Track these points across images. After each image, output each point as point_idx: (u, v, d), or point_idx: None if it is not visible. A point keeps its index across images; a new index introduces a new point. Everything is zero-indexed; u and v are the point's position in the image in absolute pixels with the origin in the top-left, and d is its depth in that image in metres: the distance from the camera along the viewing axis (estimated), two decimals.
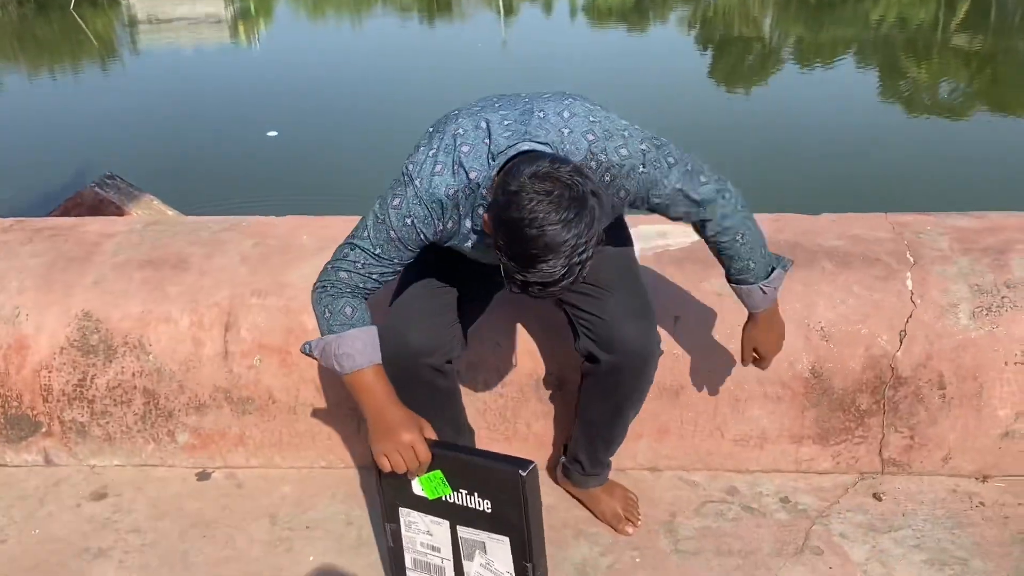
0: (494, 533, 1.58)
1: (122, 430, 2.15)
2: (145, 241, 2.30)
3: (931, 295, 2.02)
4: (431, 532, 1.64)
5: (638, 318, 1.76)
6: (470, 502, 1.56)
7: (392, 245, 1.54)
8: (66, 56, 17.63)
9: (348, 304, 1.58)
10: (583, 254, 1.34)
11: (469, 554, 1.63)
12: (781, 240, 2.20)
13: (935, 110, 11.14)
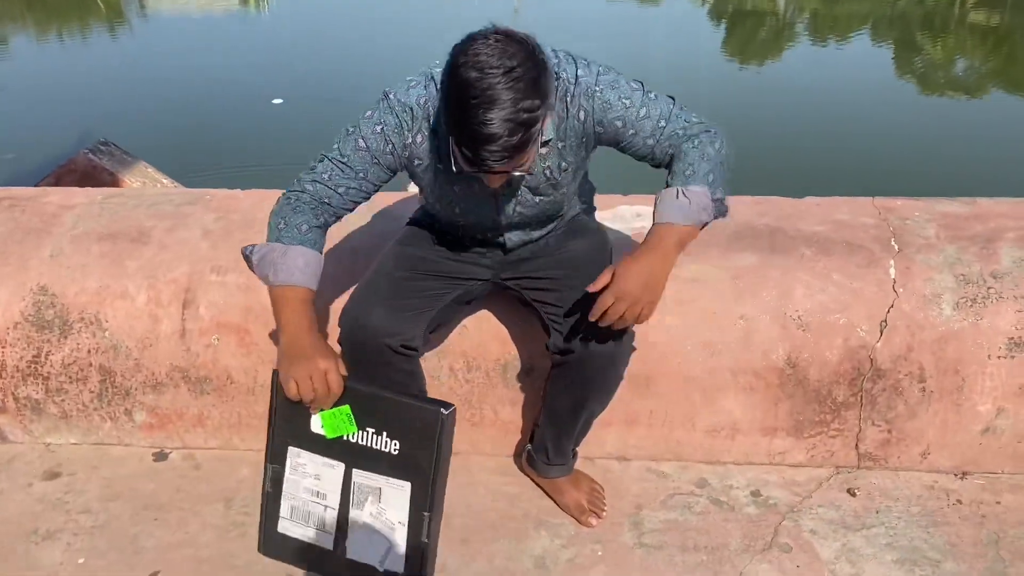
0: (395, 478, 1.50)
1: (78, 408, 2.10)
2: (105, 213, 2.23)
3: (914, 284, 1.94)
4: (319, 476, 1.55)
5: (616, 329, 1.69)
6: (375, 443, 1.48)
7: (359, 155, 1.55)
8: (73, 20, 17.50)
9: (305, 222, 1.57)
10: (530, 117, 1.33)
11: (360, 501, 1.54)
12: (761, 224, 2.12)
13: (948, 88, 10.95)
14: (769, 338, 1.93)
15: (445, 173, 1.59)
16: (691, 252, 2.02)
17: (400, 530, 1.54)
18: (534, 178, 1.63)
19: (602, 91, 1.55)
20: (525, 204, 1.69)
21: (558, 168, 1.64)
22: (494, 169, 1.38)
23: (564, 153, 1.62)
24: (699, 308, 1.96)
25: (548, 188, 1.68)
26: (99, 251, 2.10)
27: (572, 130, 1.58)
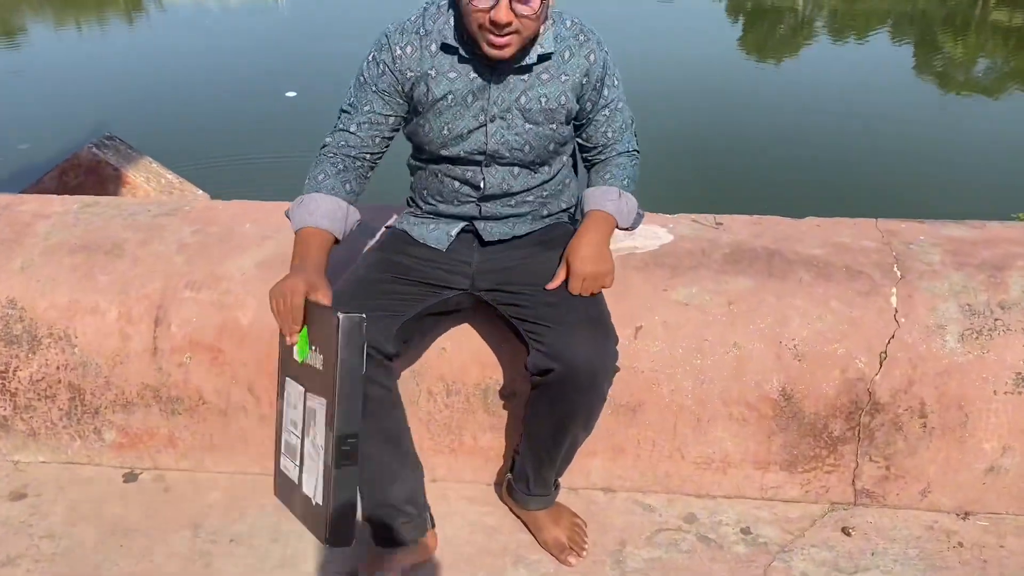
0: (319, 395, 1.43)
1: (46, 426, 2.04)
2: (80, 223, 2.16)
3: (917, 314, 1.84)
4: (296, 404, 1.50)
5: (591, 328, 1.62)
6: (315, 360, 1.43)
7: (361, 92, 1.68)
8: (91, 9, 17.55)
9: (323, 171, 1.67)
10: None
11: (309, 426, 1.47)
12: (758, 245, 2.02)
13: (968, 89, 10.75)
14: (763, 367, 1.84)
15: (438, 79, 1.64)
16: (682, 274, 1.95)
17: (320, 456, 1.44)
18: (528, 99, 1.66)
19: (608, 56, 1.72)
20: (513, 129, 1.68)
21: (556, 100, 1.67)
22: None
23: (565, 88, 1.68)
24: (690, 334, 1.87)
25: (540, 116, 1.68)
26: (71, 264, 2.04)
27: (579, 68, 1.67)
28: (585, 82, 1.69)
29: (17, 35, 15.13)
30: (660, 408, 1.88)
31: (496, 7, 1.48)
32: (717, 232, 2.09)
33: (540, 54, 1.64)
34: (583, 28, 1.69)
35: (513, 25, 1.50)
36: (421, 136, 1.73)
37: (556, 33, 1.65)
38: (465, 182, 1.76)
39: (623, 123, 1.79)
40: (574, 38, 1.67)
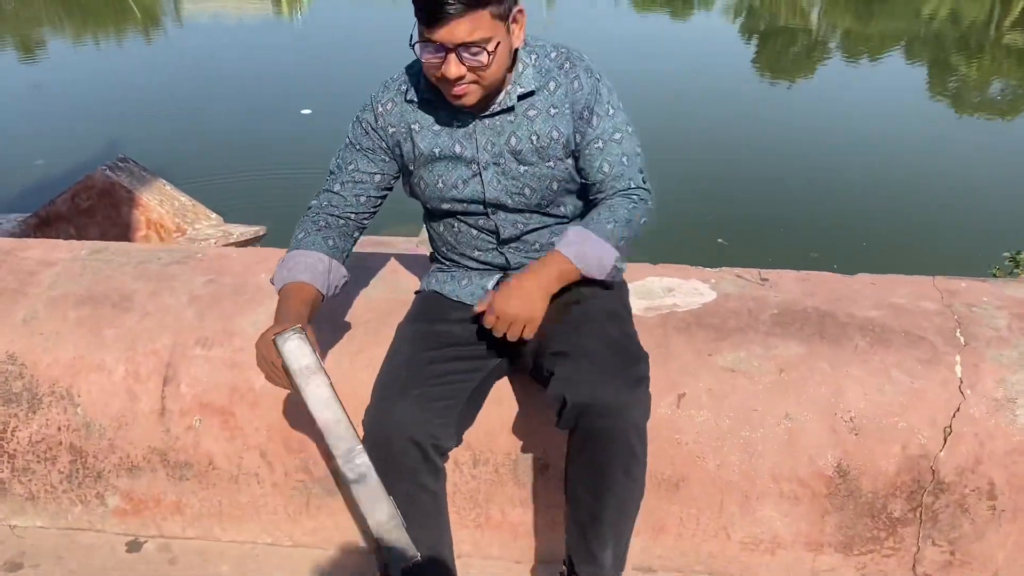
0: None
1: (46, 489, 1.91)
2: (87, 272, 2.05)
3: (984, 386, 1.70)
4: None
5: (611, 351, 1.50)
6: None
7: (347, 150, 1.66)
8: (109, 25, 17.63)
9: (304, 230, 1.64)
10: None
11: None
12: (809, 306, 1.89)
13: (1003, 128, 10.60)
14: (817, 441, 1.70)
15: (422, 133, 1.60)
16: (728, 336, 1.81)
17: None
18: (518, 140, 1.58)
19: (601, 83, 1.59)
20: (509, 174, 1.61)
21: (548, 135, 1.58)
22: (448, 17, 1.37)
23: (556, 121, 1.58)
24: (737, 403, 1.73)
25: (533, 156, 1.60)
26: (76, 317, 1.92)
27: (567, 98, 1.57)
28: (575, 111, 1.58)
29: (36, 50, 15.20)
30: (705, 483, 1.74)
31: (445, 63, 1.44)
32: (763, 289, 1.96)
33: (521, 93, 1.57)
34: (569, 55, 1.59)
35: (467, 77, 1.46)
36: (419, 193, 1.69)
37: (539, 67, 1.58)
38: (480, 229, 1.68)
39: (623, 156, 1.61)
40: (559, 68, 1.58)
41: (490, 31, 1.42)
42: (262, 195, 8.00)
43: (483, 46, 1.42)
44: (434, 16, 1.39)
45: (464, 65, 1.44)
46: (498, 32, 1.44)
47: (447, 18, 1.38)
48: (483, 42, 1.42)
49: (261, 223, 6.33)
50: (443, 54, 1.43)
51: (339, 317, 1.88)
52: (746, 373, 1.76)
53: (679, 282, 2.00)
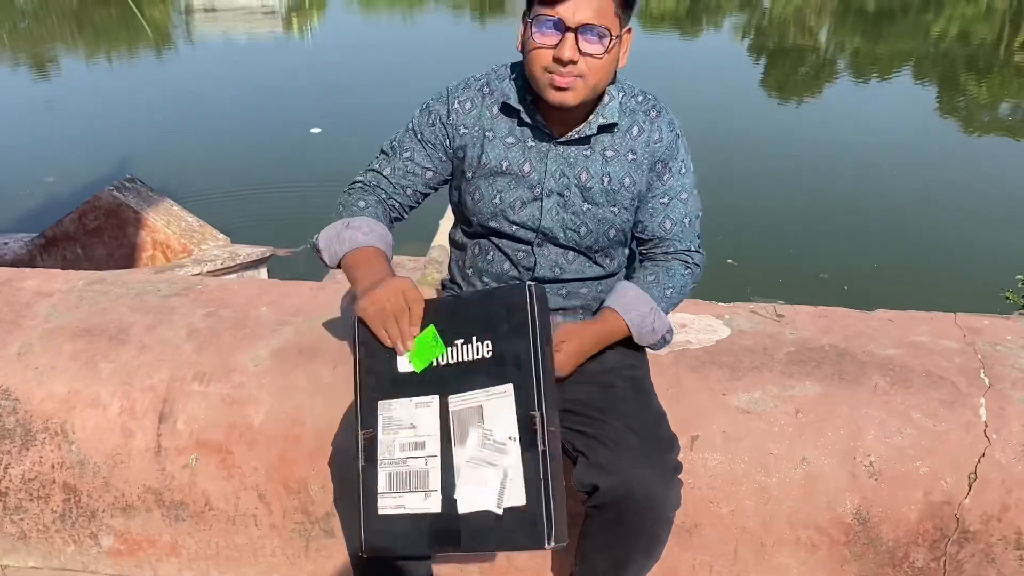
0: (494, 385, 1.26)
1: (38, 529, 1.86)
2: (84, 303, 2.00)
3: (1010, 429, 1.63)
4: (415, 422, 1.31)
5: (646, 434, 1.43)
6: (466, 353, 1.29)
7: (407, 135, 1.56)
8: (121, 43, 17.78)
9: (362, 199, 1.55)
10: None
11: (461, 434, 1.28)
12: (826, 344, 1.83)
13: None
14: (835, 487, 1.64)
15: (494, 142, 1.53)
16: (743, 375, 1.75)
17: (512, 449, 1.24)
18: (590, 177, 1.52)
19: (680, 139, 1.56)
20: (570, 208, 1.54)
21: (620, 181, 1.53)
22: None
23: (631, 168, 1.53)
24: (753, 446, 1.67)
25: (601, 197, 1.53)
26: (72, 350, 1.87)
27: (647, 148, 1.52)
28: (651, 163, 1.53)
29: (49, 67, 15.31)
30: (719, 530, 1.68)
31: (561, 44, 1.36)
32: (779, 326, 1.90)
33: (602, 124, 1.50)
34: (656, 104, 1.54)
35: (579, 65, 1.38)
36: (470, 204, 1.58)
37: (623, 104, 1.52)
38: (515, 263, 1.60)
39: (686, 216, 1.58)
40: (644, 113, 1.53)
41: (611, 21, 1.38)
42: (270, 215, 8.00)
43: (605, 32, 1.37)
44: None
45: (579, 50, 1.37)
46: (616, 30, 1.39)
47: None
48: (604, 32, 1.37)
49: (268, 243, 6.31)
50: (561, 33, 1.37)
51: (343, 337, 1.83)
52: (761, 414, 1.70)
53: (692, 318, 1.94)
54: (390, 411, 1.33)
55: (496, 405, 1.27)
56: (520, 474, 1.23)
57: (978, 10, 20.72)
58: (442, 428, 1.29)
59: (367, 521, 1.32)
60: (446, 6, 23.60)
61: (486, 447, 1.26)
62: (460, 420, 1.29)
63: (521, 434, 1.24)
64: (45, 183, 8.98)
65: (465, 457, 1.27)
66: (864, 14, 21.50)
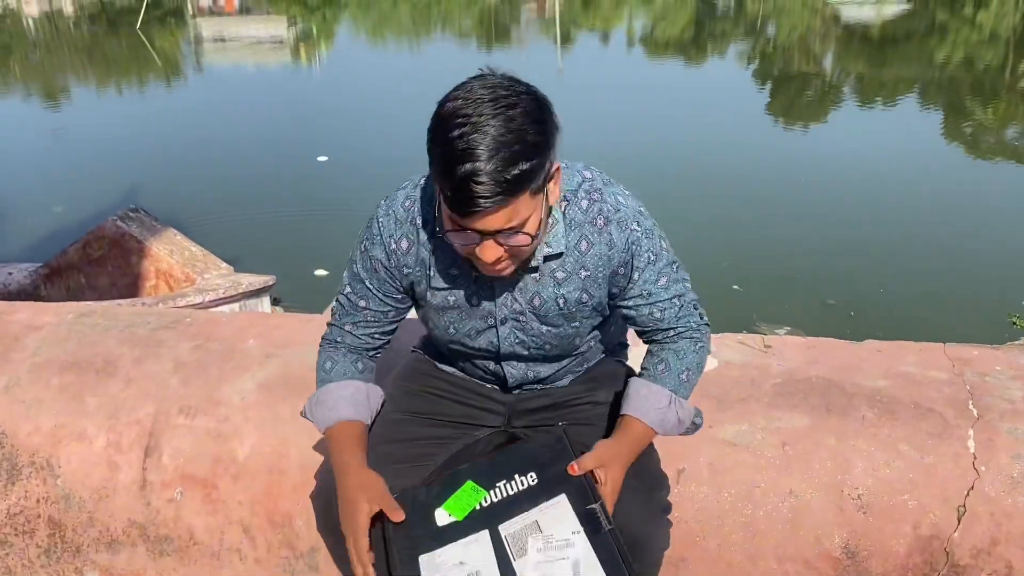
0: (546, 500, 1.33)
1: (23, 564, 1.86)
2: (73, 336, 2.01)
3: (999, 462, 1.61)
4: (464, 560, 1.31)
5: (638, 476, 1.43)
6: (511, 489, 1.35)
7: (356, 282, 1.46)
8: (132, 73, 18.03)
9: (329, 358, 1.51)
10: (524, 148, 1.15)
11: (519, 550, 1.31)
12: (814, 375, 1.82)
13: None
14: (823, 520, 1.62)
15: (436, 279, 1.42)
16: (730, 407, 1.74)
17: (578, 539, 1.31)
18: (543, 302, 1.41)
19: (638, 234, 1.39)
20: (529, 332, 1.45)
21: (576, 300, 1.42)
22: (484, 210, 1.16)
23: (587, 284, 1.41)
24: (739, 479, 1.65)
25: (559, 319, 1.44)
26: (59, 384, 1.88)
27: (600, 259, 1.39)
28: (611, 271, 1.41)
29: (60, 98, 15.51)
30: (706, 564, 1.66)
31: (481, 248, 1.23)
32: (767, 357, 1.89)
33: (548, 255, 1.37)
34: (603, 207, 1.37)
35: (503, 254, 1.26)
36: (428, 327, 1.54)
37: (569, 220, 1.37)
38: (487, 372, 1.57)
39: (673, 299, 1.45)
40: (591, 224, 1.37)
41: (529, 210, 1.22)
42: (275, 243, 8.04)
43: (522, 229, 1.23)
44: (468, 209, 1.17)
45: (502, 247, 1.24)
46: (537, 206, 1.24)
47: (483, 211, 1.17)
48: (522, 224, 1.22)
49: (274, 272, 6.34)
50: (478, 240, 1.23)
51: None
52: (748, 447, 1.68)
53: None
54: (434, 560, 1.31)
55: (552, 514, 1.32)
56: (593, 556, 1.28)
57: (982, 36, 20.81)
58: (497, 553, 1.30)
59: None
60: (452, 35, 23.86)
61: (550, 549, 1.30)
62: (515, 539, 1.31)
63: (585, 526, 1.30)
64: (54, 212, 9.07)
65: (530, 564, 1.29)
66: (868, 40, 21.62)
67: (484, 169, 1.13)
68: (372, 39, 23.78)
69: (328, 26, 25.33)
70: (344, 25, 26.26)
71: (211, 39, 22.62)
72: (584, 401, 1.58)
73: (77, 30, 23.83)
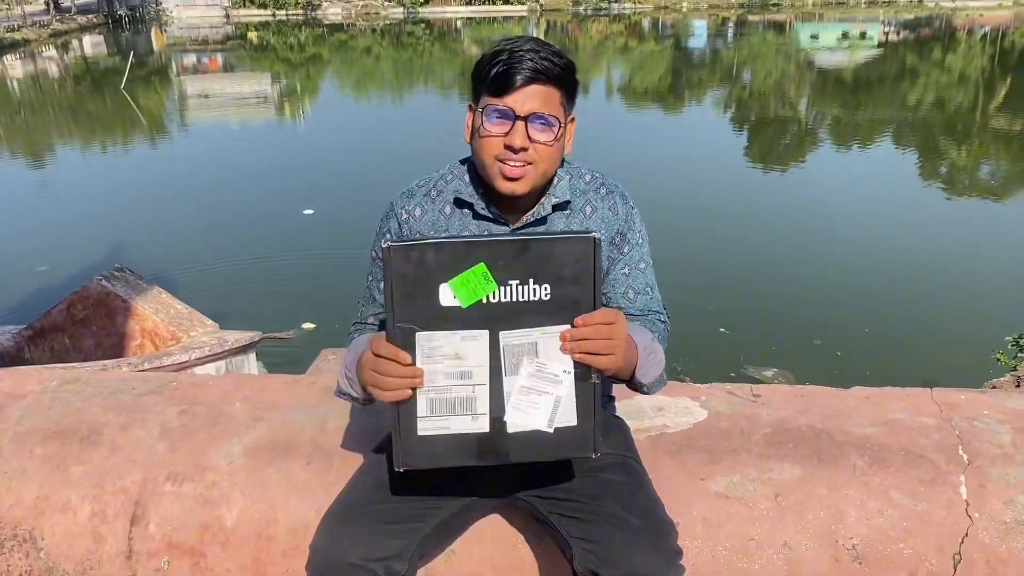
0: (551, 325, 1.29)
1: None
2: (57, 404, 1.99)
3: (992, 507, 1.61)
4: (460, 354, 1.30)
5: (645, 520, 1.41)
6: (521, 294, 1.28)
7: (375, 268, 1.58)
8: (116, 132, 18.12)
9: (358, 333, 1.59)
10: (565, 61, 1.42)
11: (513, 365, 1.31)
12: (803, 424, 1.82)
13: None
14: (819, 571, 1.61)
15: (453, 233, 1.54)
16: (721, 459, 1.74)
17: (566, 379, 1.32)
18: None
19: (634, 211, 1.60)
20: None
21: None
22: (526, 82, 1.38)
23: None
24: (733, 532, 1.64)
25: None
26: (43, 453, 1.85)
27: (603, 222, 1.56)
28: (608, 237, 1.56)
29: (45, 158, 15.55)
30: None
31: (512, 132, 1.41)
32: (756, 406, 1.89)
33: (555, 203, 1.53)
34: (605, 181, 1.60)
35: (529, 152, 1.42)
36: None
37: (573, 185, 1.57)
38: None
39: (647, 285, 1.60)
40: (595, 191, 1.58)
41: (558, 112, 1.43)
42: (261, 298, 8.01)
43: (553, 120, 1.42)
44: (510, 81, 1.39)
45: (530, 138, 1.42)
46: (562, 118, 1.44)
47: (525, 84, 1.39)
48: (551, 119, 1.42)
49: (261, 327, 6.30)
50: (511, 122, 1.41)
51: (317, 430, 1.81)
52: (741, 499, 1.67)
53: (669, 400, 1.93)
54: (431, 342, 1.30)
55: (551, 343, 1.30)
56: (573, 400, 1.32)
57: (951, 78, 21.30)
58: (492, 359, 1.31)
59: (405, 441, 1.32)
60: (435, 88, 24.18)
61: (539, 377, 1.32)
62: (512, 352, 1.31)
63: (576, 368, 1.31)
64: (38, 272, 9.03)
65: (517, 385, 1.31)
66: (842, 84, 22.09)
67: (529, 49, 1.39)
68: (356, 94, 24.04)
69: (312, 82, 25.60)
70: (328, 80, 26.56)
71: (195, 95, 22.82)
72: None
73: (62, 91, 23.99)
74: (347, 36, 39.44)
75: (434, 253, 1.26)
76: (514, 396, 1.32)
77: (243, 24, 43.66)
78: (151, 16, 45.91)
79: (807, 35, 36.76)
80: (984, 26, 36.77)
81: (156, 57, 33.06)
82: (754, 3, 47.77)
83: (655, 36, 38.70)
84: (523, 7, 47.32)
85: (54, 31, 36.76)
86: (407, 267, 1.26)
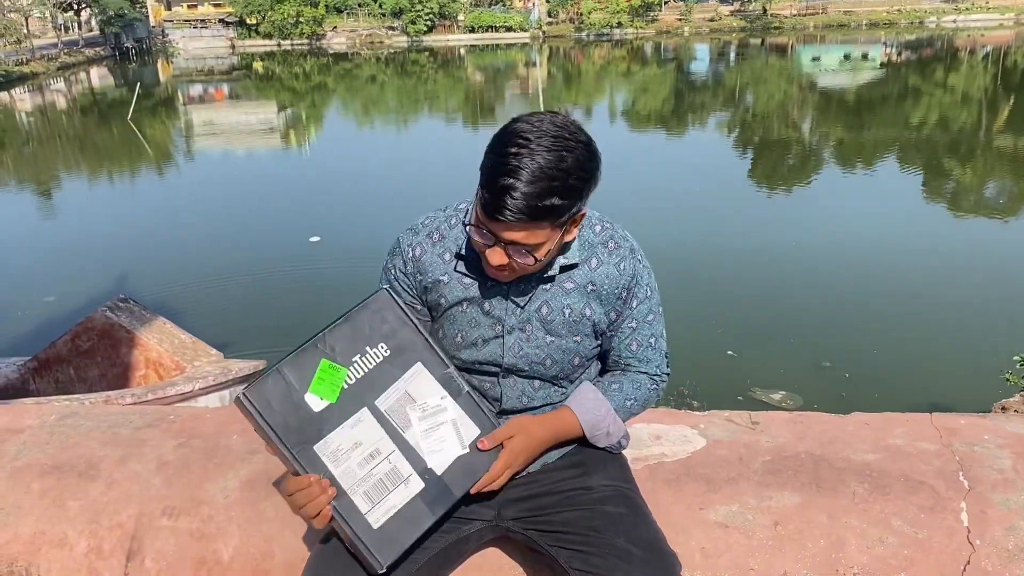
0: (406, 370, 1.44)
1: None
2: (55, 439, 1.99)
3: (993, 534, 1.59)
4: (358, 440, 1.38)
5: (648, 551, 1.40)
6: (368, 362, 1.41)
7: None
8: (122, 162, 18.28)
9: None
10: (564, 185, 1.31)
11: (402, 422, 1.42)
12: (802, 451, 1.80)
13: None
14: None
15: (451, 284, 1.53)
16: (720, 488, 1.72)
17: (447, 403, 1.46)
18: (550, 310, 1.51)
19: (641, 264, 1.55)
20: (533, 342, 1.52)
21: (580, 311, 1.51)
22: (508, 222, 1.32)
23: (591, 300, 1.51)
24: (732, 562, 1.62)
25: (562, 328, 1.52)
26: (40, 488, 1.85)
27: (607, 278, 1.52)
28: (614, 293, 1.53)
29: (51, 187, 15.68)
30: None
31: (491, 251, 1.39)
32: (754, 434, 1.88)
33: (564, 264, 1.50)
34: (613, 234, 1.53)
35: (510, 265, 1.40)
36: (438, 338, 1.58)
37: (583, 239, 1.52)
38: (483, 394, 1.59)
39: (652, 337, 1.58)
40: (603, 245, 1.52)
41: (544, 238, 1.37)
42: (269, 325, 8.03)
43: (533, 252, 1.37)
44: (497, 212, 1.32)
45: (508, 258, 1.39)
46: (553, 237, 1.39)
47: (506, 223, 1.33)
48: (534, 247, 1.37)
49: (266, 354, 6.31)
50: (492, 242, 1.38)
51: None
52: (740, 528, 1.66)
53: (667, 428, 1.92)
54: (330, 447, 1.37)
55: (417, 384, 1.44)
56: (464, 415, 1.45)
57: (954, 98, 21.36)
58: (384, 427, 1.39)
59: (370, 543, 1.35)
60: (439, 114, 24.35)
61: (428, 415, 1.43)
62: (394, 411, 1.41)
63: (447, 389, 1.45)
64: (45, 302, 9.07)
65: (417, 433, 1.41)
66: (845, 105, 22.16)
67: (521, 189, 1.29)
68: (360, 121, 24.22)
69: (317, 110, 25.82)
70: (333, 108, 26.77)
71: (201, 125, 23.03)
72: (576, 487, 1.56)
73: (69, 122, 24.24)
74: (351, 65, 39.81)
75: (283, 378, 1.35)
76: (422, 443, 1.41)
77: (248, 54, 44.15)
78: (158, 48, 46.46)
79: (809, 57, 36.96)
80: (985, 46, 36.91)
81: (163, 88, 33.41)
82: (756, 27, 48.11)
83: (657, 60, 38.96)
84: (526, 34, 47.72)
85: (62, 64, 37.22)
86: (271, 404, 1.34)
